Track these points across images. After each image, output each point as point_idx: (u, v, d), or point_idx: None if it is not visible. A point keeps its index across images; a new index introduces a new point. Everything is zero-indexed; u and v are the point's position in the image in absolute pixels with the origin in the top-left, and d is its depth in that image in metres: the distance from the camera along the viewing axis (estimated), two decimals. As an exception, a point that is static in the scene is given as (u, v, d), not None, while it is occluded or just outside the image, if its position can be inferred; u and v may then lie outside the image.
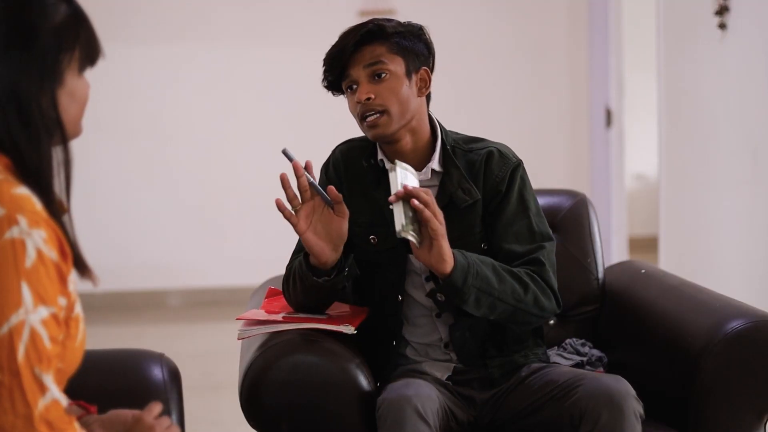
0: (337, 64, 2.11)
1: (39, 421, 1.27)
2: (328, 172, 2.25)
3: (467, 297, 1.99)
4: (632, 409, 1.92)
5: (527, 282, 2.06)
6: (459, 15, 5.94)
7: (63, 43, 1.36)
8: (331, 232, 2.05)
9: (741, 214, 3.68)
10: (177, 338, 5.30)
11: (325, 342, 2.03)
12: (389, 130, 2.11)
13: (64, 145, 1.38)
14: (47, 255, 1.29)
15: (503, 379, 2.15)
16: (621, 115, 5.52)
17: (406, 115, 2.12)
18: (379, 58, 2.09)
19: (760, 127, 3.53)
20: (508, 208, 2.14)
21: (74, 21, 1.39)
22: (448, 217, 2.08)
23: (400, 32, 2.12)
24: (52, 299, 1.30)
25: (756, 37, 3.54)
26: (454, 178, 2.15)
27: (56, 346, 1.31)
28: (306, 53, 5.98)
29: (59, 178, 1.37)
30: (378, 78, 2.09)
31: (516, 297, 2.04)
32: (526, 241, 2.13)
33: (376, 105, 2.09)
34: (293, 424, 2.00)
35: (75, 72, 1.39)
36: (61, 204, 1.37)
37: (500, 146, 2.21)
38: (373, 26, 2.10)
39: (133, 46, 5.92)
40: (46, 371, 1.28)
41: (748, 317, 2.10)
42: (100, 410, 1.57)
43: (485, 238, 2.15)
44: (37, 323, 1.27)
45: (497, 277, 2.03)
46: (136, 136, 6.02)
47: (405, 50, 2.12)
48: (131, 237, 6.07)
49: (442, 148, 2.17)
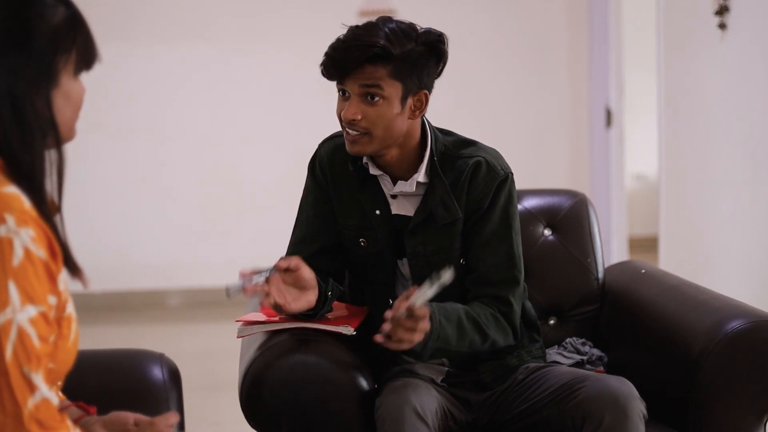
0: (334, 73, 2.05)
1: (29, 420, 1.27)
2: (315, 171, 2.21)
3: (423, 356, 2.03)
4: (636, 411, 1.91)
5: (488, 333, 2.07)
6: (459, 15, 5.94)
7: (60, 45, 1.36)
8: (300, 282, 2.04)
9: (741, 214, 3.68)
10: (177, 338, 5.29)
11: (324, 342, 2.04)
12: (367, 150, 2.07)
13: (58, 147, 1.38)
14: (35, 254, 1.29)
15: (496, 383, 2.15)
16: (621, 115, 5.51)
17: (390, 139, 2.06)
18: (377, 82, 2.01)
19: (760, 127, 3.53)
20: (489, 225, 2.11)
21: (72, 23, 1.39)
22: (428, 232, 2.10)
23: (408, 55, 2.02)
24: (40, 298, 1.29)
25: (756, 37, 3.54)
26: (437, 193, 2.09)
27: (46, 345, 1.31)
28: (306, 53, 5.99)
29: (51, 179, 1.37)
30: (370, 99, 2.02)
31: (473, 347, 2.07)
32: (503, 267, 2.11)
33: (361, 126, 2.04)
34: (293, 423, 2.00)
35: (71, 74, 1.39)
36: (53, 204, 1.37)
37: (490, 156, 2.14)
38: (379, 50, 1.99)
39: (132, 46, 5.92)
40: (35, 370, 1.28)
41: (748, 317, 2.10)
42: (100, 410, 1.57)
43: (463, 254, 2.13)
44: (24, 322, 1.27)
45: (459, 333, 2.03)
46: (136, 136, 6.01)
47: (407, 75, 2.03)
48: (131, 237, 6.07)
49: (430, 159, 2.11)
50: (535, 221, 2.55)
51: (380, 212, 2.13)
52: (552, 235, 2.58)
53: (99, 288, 5.99)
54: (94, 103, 6.49)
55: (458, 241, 2.12)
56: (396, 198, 2.14)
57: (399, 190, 2.12)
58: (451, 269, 1.87)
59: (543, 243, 2.55)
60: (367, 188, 2.14)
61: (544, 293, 2.49)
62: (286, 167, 5.94)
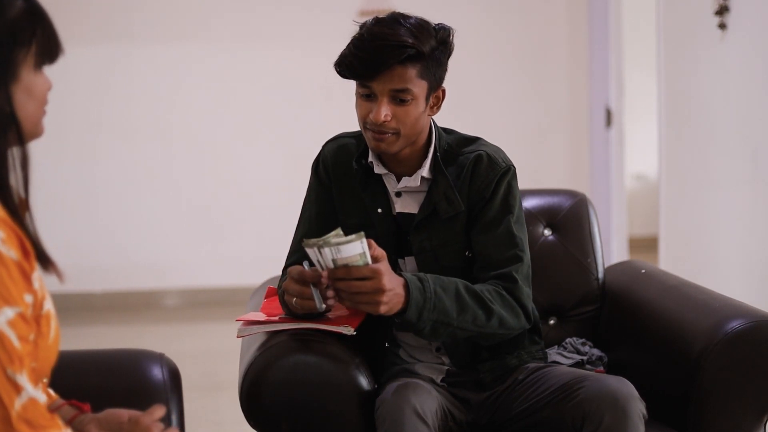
0: (362, 73, 2.00)
1: (17, 420, 1.26)
2: (318, 171, 2.22)
3: (422, 328, 1.99)
4: (636, 412, 1.91)
5: (492, 307, 2.03)
6: (459, 15, 5.93)
7: (17, 38, 1.34)
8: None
9: (741, 214, 3.68)
10: (177, 338, 5.30)
11: (324, 342, 2.03)
12: (392, 149, 2.07)
13: (22, 144, 1.35)
14: (6, 255, 1.28)
15: (496, 383, 2.14)
16: (621, 115, 5.52)
17: (414, 136, 2.08)
18: (407, 84, 1.99)
19: (760, 127, 3.53)
20: (490, 213, 2.11)
21: (30, 16, 1.36)
22: (433, 227, 2.10)
23: (432, 52, 2.01)
24: (16, 299, 1.28)
25: (756, 37, 3.54)
26: (440, 187, 2.11)
27: (27, 344, 1.30)
28: (306, 53, 6.01)
29: (16, 176, 1.34)
30: (399, 101, 2.02)
31: (478, 324, 2.02)
32: (504, 246, 2.10)
33: (391, 127, 2.03)
34: (293, 423, 2.00)
35: (31, 68, 1.36)
36: (22, 201, 1.35)
37: (491, 150, 2.15)
38: (412, 50, 1.97)
39: (135, 46, 5.92)
40: (19, 371, 1.27)
41: (748, 317, 2.10)
42: (100, 410, 1.57)
43: (469, 246, 2.13)
44: (3, 325, 1.26)
45: (458, 305, 2.00)
46: (136, 137, 6.01)
47: (432, 73, 2.04)
48: (131, 237, 6.07)
49: (434, 155, 2.13)
50: (535, 221, 2.55)
51: (382, 210, 2.14)
52: (552, 235, 2.58)
53: (99, 288, 5.99)
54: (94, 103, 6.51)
55: (463, 233, 2.13)
56: (400, 196, 2.15)
57: (404, 186, 2.14)
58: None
59: (543, 243, 2.55)
60: (369, 186, 2.15)
61: (544, 293, 2.49)
62: (286, 167, 5.96)
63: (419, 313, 1.95)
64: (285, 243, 2.29)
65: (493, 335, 2.07)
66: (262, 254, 5.47)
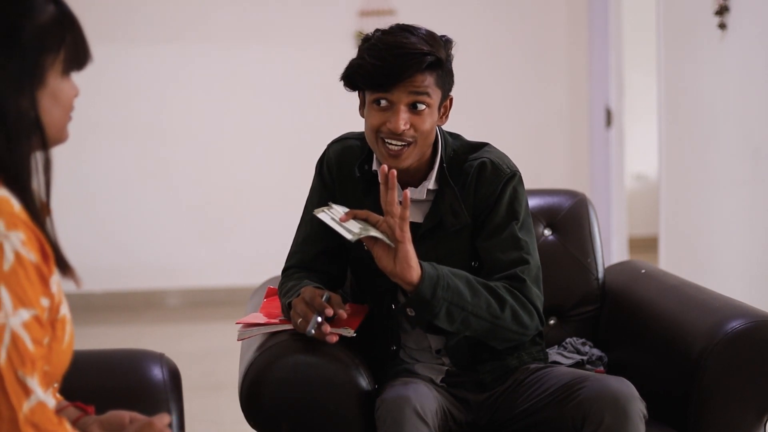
0: (382, 82, 1.97)
1: (24, 424, 1.26)
2: (322, 172, 2.22)
3: (437, 310, 1.95)
4: (636, 412, 1.90)
5: (504, 297, 2.01)
6: (459, 15, 5.94)
7: (47, 44, 1.33)
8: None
9: (741, 214, 3.68)
10: (177, 338, 5.30)
11: (324, 343, 2.03)
12: (408, 162, 2.04)
13: (45, 149, 1.35)
14: (26, 257, 1.27)
15: (496, 384, 2.14)
16: (621, 115, 5.52)
17: (426, 147, 2.07)
18: (426, 90, 1.99)
19: (760, 127, 3.53)
20: (495, 219, 2.09)
21: (61, 22, 1.35)
22: (437, 238, 2.09)
23: (446, 61, 2.02)
24: (32, 302, 1.28)
25: (756, 37, 3.54)
26: (446, 199, 2.09)
27: (40, 348, 1.30)
28: (306, 53, 6.02)
29: (38, 180, 1.34)
30: (416, 108, 2.00)
31: (492, 313, 1.99)
32: (510, 248, 2.07)
33: (409, 136, 2.01)
34: (293, 424, 2.00)
35: (59, 74, 1.35)
36: (43, 205, 1.35)
37: (496, 156, 2.14)
38: (432, 57, 1.97)
39: (134, 46, 5.92)
40: (30, 374, 1.27)
41: (748, 317, 2.10)
42: (100, 410, 1.57)
43: (475, 256, 2.12)
44: (18, 326, 1.26)
45: (471, 290, 1.98)
46: (136, 136, 6.02)
47: (445, 81, 2.04)
48: (131, 237, 6.07)
49: (440, 166, 2.11)
50: (535, 221, 2.55)
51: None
52: (552, 235, 2.58)
53: (99, 288, 5.99)
54: (95, 103, 6.50)
55: (469, 244, 2.11)
56: None
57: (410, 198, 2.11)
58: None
59: (543, 243, 2.55)
60: (372, 192, 2.13)
61: (544, 293, 2.48)
62: (286, 167, 5.96)
63: (433, 289, 1.93)
64: (285, 243, 2.29)
65: (508, 330, 2.03)
66: (262, 254, 5.47)
